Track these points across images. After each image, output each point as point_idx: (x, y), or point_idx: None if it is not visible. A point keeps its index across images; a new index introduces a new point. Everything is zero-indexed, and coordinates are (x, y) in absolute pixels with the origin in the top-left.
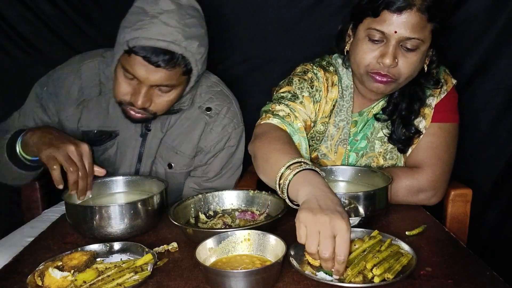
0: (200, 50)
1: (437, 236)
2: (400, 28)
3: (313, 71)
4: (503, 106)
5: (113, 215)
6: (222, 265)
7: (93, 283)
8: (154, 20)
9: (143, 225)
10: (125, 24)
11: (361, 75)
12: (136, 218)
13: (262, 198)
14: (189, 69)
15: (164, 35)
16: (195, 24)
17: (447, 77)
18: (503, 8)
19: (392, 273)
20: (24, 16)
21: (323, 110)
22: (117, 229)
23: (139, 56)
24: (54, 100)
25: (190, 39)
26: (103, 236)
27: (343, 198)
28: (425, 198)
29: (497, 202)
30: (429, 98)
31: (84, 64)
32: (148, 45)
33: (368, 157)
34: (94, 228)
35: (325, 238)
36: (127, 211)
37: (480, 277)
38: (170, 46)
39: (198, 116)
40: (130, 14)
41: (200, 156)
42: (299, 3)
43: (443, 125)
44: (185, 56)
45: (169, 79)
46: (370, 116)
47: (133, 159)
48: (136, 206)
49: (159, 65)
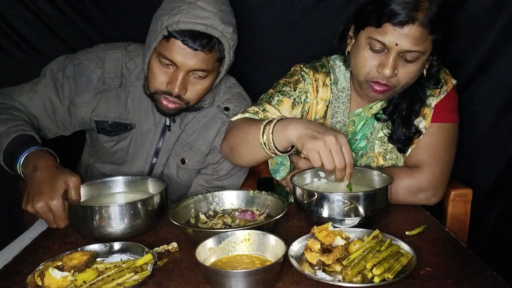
0: (234, 37)
1: (437, 236)
2: (401, 41)
3: (300, 72)
4: (503, 106)
5: (113, 215)
6: (222, 265)
7: (93, 283)
8: (191, 5)
9: (143, 225)
10: (162, 12)
11: (360, 82)
12: (136, 218)
13: (262, 198)
14: (222, 56)
15: (202, 18)
16: (229, 12)
17: (447, 77)
18: (503, 8)
19: (392, 273)
20: (24, 16)
21: (315, 110)
22: (117, 229)
23: (178, 40)
24: (70, 84)
25: (226, 24)
26: (103, 236)
27: (343, 198)
28: (424, 198)
29: (497, 202)
30: (429, 98)
31: (108, 54)
32: (188, 28)
33: (368, 157)
34: (94, 228)
35: (337, 153)
36: (127, 211)
37: (480, 277)
38: (208, 30)
39: (216, 115)
40: (166, 3)
41: (213, 155)
42: (299, 3)
43: (442, 125)
44: (221, 41)
45: (205, 63)
46: (368, 116)
47: (150, 153)
48: (136, 206)
49: (197, 49)
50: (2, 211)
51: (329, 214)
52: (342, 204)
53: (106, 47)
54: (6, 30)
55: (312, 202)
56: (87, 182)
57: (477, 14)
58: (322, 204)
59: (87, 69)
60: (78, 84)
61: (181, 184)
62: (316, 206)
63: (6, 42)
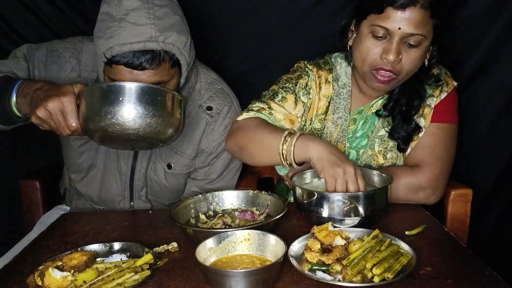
0: (181, 39)
1: (437, 236)
2: (403, 24)
3: (304, 69)
4: (503, 106)
5: (133, 96)
6: (222, 265)
7: (93, 283)
8: (122, 24)
9: (161, 122)
10: (97, 35)
11: (364, 72)
12: (157, 109)
13: (262, 198)
14: (175, 60)
15: (137, 35)
16: (167, 14)
17: (448, 79)
18: (503, 8)
19: (392, 272)
20: (24, 16)
21: (317, 106)
22: (131, 116)
23: (120, 65)
24: (40, 69)
25: (166, 31)
26: (115, 129)
27: (343, 198)
28: (424, 197)
29: (497, 202)
30: (429, 99)
31: (86, 45)
32: (124, 51)
33: (368, 155)
34: (114, 112)
35: (354, 184)
36: (149, 97)
37: (480, 277)
38: (146, 45)
39: (198, 115)
40: (98, 22)
41: (202, 158)
42: (299, 3)
43: (442, 125)
44: (167, 50)
45: (159, 76)
46: (369, 114)
47: (129, 154)
48: (162, 92)
49: (144, 67)
50: (2, 212)
51: (329, 214)
52: (342, 204)
53: (84, 39)
54: (6, 30)
55: (312, 202)
56: None
57: (477, 14)
58: (322, 204)
59: (61, 57)
60: (49, 70)
61: (171, 188)
62: (316, 206)
63: (6, 42)
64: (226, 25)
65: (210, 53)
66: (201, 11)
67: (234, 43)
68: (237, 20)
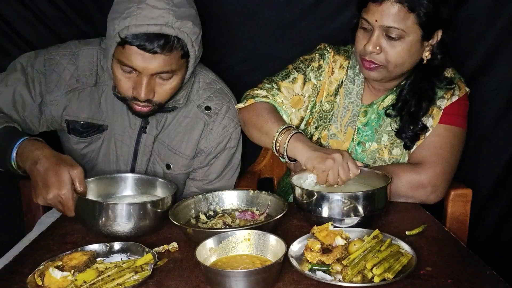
0: (195, 30)
1: (437, 236)
2: (380, 17)
3: (323, 50)
4: (503, 106)
5: (120, 214)
6: (222, 265)
7: (93, 283)
8: (141, 5)
9: (150, 226)
10: (113, 16)
11: (357, 61)
12: (144, 219)
13: (262, 198)
14: (186, 51)
15: (154, 18)
16: (184, 4)
17: (461, 84)
18: (503, 8)
19: (392, 273)
20: (24, 16)
21: (327, 89)
22: (124, 228)
23: (133, 46)
24: (41, 80)
25: (182, 19)
26: (108, 233)
27: (342, 198)
28: (424, 194)
29: (497, 202)
30: (439, 100)
31: (82, 50)
32: (140, 32)
33: (374, 149)
34: (100, 225)
35: (343, 168)
36: (135, 211)
37: (480, 277)
38: (163, 29)
39: (197, 116)
40: (115, 4)
41: (201, 158)
42: (299, 3)
43: (449, 127)
44: (180, 38)
45: (168, 64)
46: (380, 109)
47: (128, 156)
48: (146, 207)
49: (156, 51)
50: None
51: (329, 214)
52: (341, 203)
53: (80, 43)
54: (6, 30)
55: (312, 202)
56: (96, 177)
57: (477, 14)
58: (322, 204)
59: (59, 65)
60: (49, 80)
61: None
62: (315, 206)
63: (6, 42)
64: (225, 25)
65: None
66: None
67: (233, 43)
68: (236, 20)
